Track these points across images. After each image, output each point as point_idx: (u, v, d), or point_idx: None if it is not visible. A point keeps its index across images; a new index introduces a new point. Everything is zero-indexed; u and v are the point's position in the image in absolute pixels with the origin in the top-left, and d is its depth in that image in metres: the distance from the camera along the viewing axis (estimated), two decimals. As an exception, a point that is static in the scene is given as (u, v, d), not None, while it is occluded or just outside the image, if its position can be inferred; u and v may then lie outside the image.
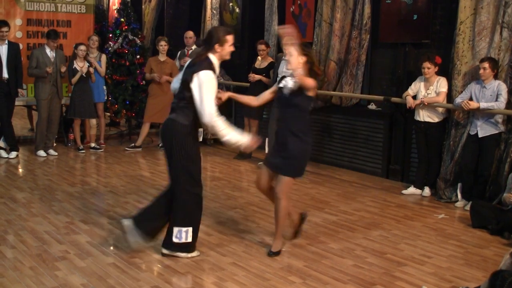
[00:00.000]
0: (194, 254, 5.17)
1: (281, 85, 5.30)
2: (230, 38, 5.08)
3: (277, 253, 5.27)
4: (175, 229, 5.03)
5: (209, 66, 4.97)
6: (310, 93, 5.17)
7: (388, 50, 8.48)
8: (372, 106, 8.68)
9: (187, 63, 5.23)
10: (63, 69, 9.67)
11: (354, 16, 8.63)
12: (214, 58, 5.04)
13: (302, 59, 5.12)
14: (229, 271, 4.85)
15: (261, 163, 6.77)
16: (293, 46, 5.08)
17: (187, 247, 5.11)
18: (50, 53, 9.59)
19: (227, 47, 5.07)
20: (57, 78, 9.64)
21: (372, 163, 8.68)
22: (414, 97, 7.48)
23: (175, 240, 5.04)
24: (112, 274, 4.71)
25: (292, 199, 7.20)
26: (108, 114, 11.51)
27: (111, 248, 5.35)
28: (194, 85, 4.90)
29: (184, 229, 5.03)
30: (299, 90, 5.13)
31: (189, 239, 5.07)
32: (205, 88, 4.86)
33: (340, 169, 9.02)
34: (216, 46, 5.02)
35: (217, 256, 5.20)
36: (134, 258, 5.06)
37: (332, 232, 5.98)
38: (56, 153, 9.71)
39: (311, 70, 5.19)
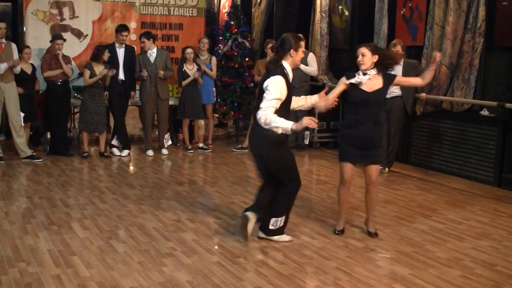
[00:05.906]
0: (287, 238, 5.63)
1: (353, 81, 5.67)
2: (303, 44, 5.45)
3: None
4: (273, 219, 5.52)
5: (282, 72, 5.23)
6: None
7: (504, 54, 8.15)
8: (484, 112, 8.37)
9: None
10: (161, 73, 9.72)
11: (468, 19, 8.36)
12: (287, 65, 5.32)
13: (375, 59, 5.55)
14: (333, 276, 4.82)
15: None
16: (365, 47, 5.56)
17: (280, 231, 5.60)
18: (149, 54, 9.78)
19: (300, 52, 5.37)
20: (156, 79, 9.76)
21: (483, 171, 8.37)
22: (531, 103, 7.18)
23: (271, 227, 5.55)
24: (217, 273, 4.79)
25: (398, 205, 7.09)
26: (217, 115, 11.73)
27: (216, 247, 5.45)
28: (265, 88, 5.17)
29: (280, 218, 5.55)
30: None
31: (282, 224, 5.59)
32: (271, 89, 5.11)
33: (449, 176, 8.75)
34: (292, 51, 5.29)
35: (320, 259, 5.18)
36: (238, 258, 5.13)
37: (439, 240, 5.81)
38: (167, 152, 10.00)
39: (384, 64, 5.58)
